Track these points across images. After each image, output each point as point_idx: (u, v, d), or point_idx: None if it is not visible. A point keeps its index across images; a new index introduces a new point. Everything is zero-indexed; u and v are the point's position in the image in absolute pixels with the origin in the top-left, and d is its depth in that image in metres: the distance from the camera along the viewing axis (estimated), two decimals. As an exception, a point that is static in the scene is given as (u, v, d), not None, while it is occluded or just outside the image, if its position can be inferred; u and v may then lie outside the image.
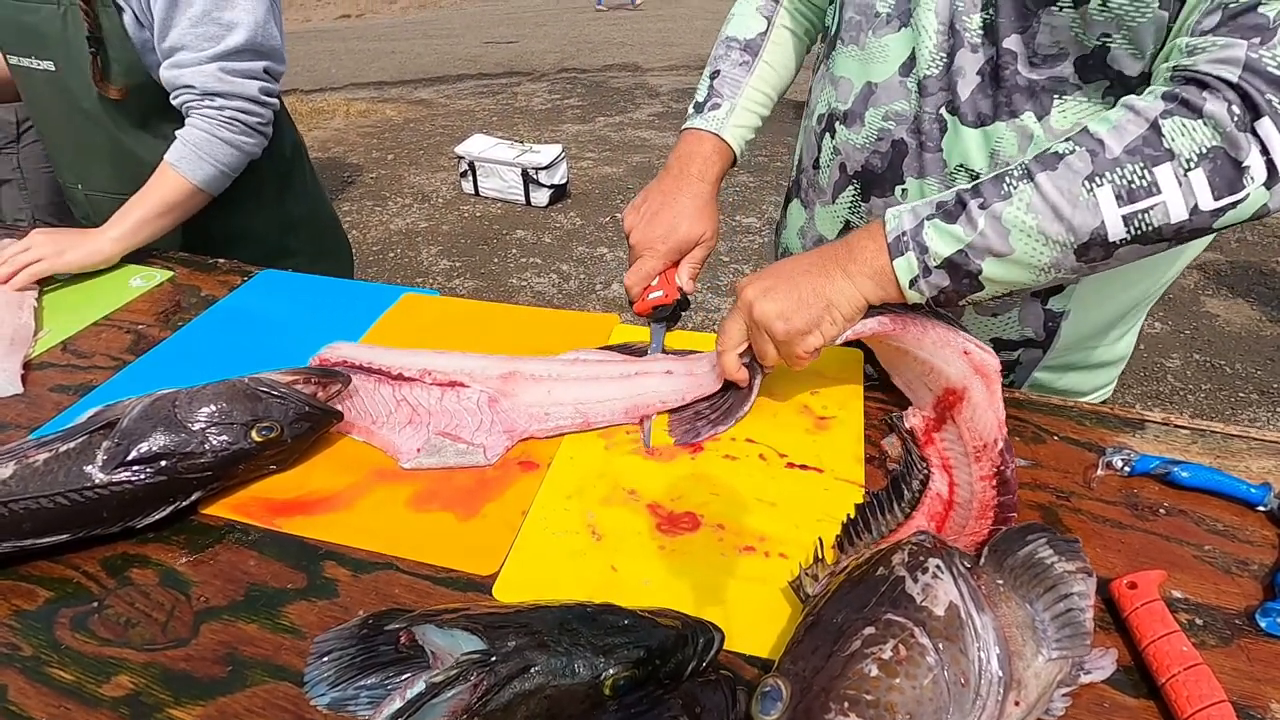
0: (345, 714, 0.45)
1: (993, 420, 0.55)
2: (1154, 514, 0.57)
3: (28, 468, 0.55)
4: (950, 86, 0.62)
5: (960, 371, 0.57)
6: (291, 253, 1.13)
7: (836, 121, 0.71)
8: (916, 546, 0.42)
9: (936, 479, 0.57)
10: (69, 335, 0.83)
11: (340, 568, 0.55)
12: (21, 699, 0.46)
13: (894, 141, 0.66)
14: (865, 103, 0.67)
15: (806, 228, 0.79)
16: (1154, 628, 0.47)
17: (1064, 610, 0.40)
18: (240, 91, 0.94)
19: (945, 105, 0.63)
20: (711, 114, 0.79)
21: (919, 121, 0.64)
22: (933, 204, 0.56)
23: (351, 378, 0.68)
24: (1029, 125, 0.60)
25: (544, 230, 3.37)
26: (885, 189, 0.69)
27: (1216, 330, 2.60)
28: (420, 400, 0.67)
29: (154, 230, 0.95)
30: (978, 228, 0.53)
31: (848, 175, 0.71)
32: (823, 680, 0.36)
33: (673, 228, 0.75)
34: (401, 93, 5.49)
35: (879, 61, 0.66)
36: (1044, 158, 0.52)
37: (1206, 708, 0.42)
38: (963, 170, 0.64)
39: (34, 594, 0.53)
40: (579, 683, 0.40)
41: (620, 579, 0.53)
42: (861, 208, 0.71)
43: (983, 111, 0.61)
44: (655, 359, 0.71)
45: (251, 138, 0.98)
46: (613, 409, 0.66)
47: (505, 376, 0.68)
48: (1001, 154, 0.62)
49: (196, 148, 0.94)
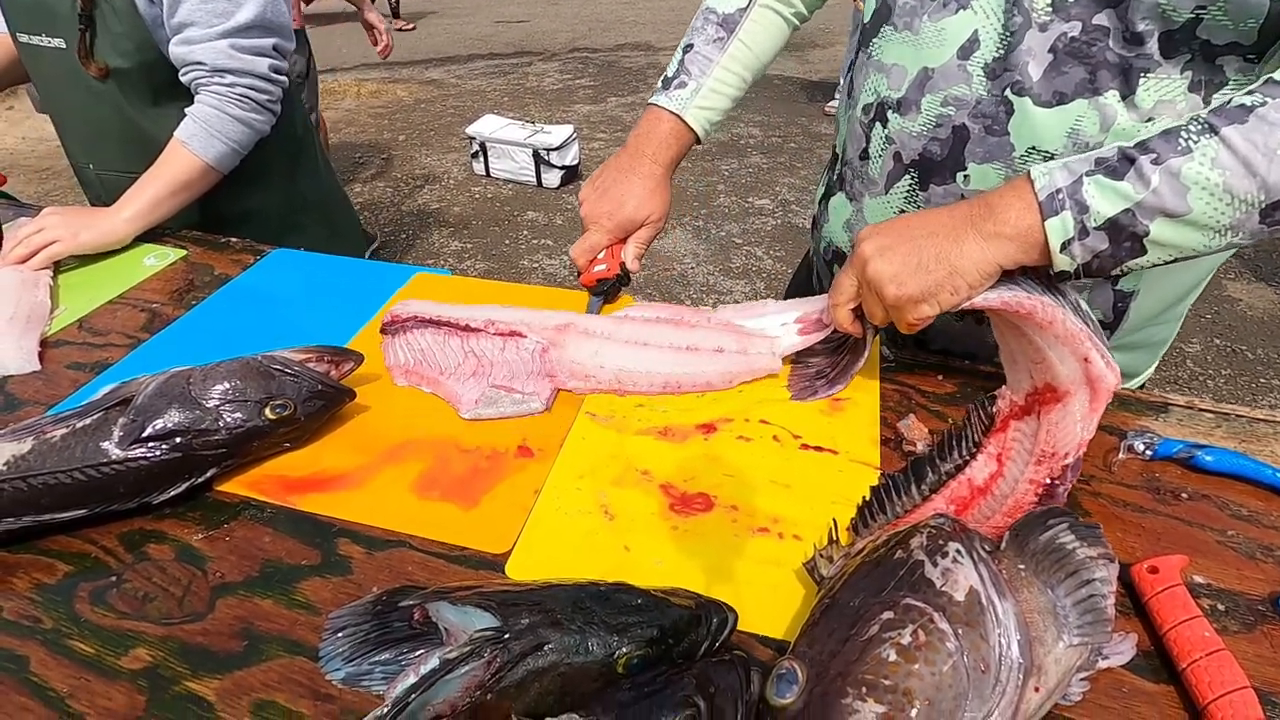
0: (360, 689, 0.45)
1: (1076, 436, 0.51)
2: (1176, 498, 0.56)
3: (45, 443, 0.55)
4: (1017, 67, 0.59)
5: (1071, 375, 0.51)
6: (303, 230, 1.13)
7: (889, 110, 0.68)
8: (936, 530, 0.42)
9: (978, 465, 0.54)
10: (84, 314, 0.84)
11: (354, 545, 0.55)
12: (43, 670, 0.47)
13: (955, 127, 0.64)
14: (921, 89, 0.65)
15: (854, 221, 0.76)
16: (1175, 613, 0.46)
17: (1086, 596, 0.40)
18: (250, 68, 0.94)
19: (1011, 87, 0.60)
20: (676, 92, 0.78)
21: (981, 105, 0.62)
22: (1088, 160, 0.51)
23: (364, 356, 0.68)
24: (1111, 103, 0.57)
25: (555, 211, 3.35)
26: (946, 176, 0.66)
27: (1238, 315, 2.55)
28: (484, 351, 0.70)
29: (167, 209, 0.95)
30: (1150, 185, 0.48)
31: (903, 164, 0.68)
32: (839, 664, 0.36)
33: (620, 205, 0.77)
34: (412, 73, 5.46)
35: (935, 46, 0.63)
36: (1225, 111, 0.48)
37: (1228, 693, 0.41)
38: (1035, 152, 0.61)
39: (54, 568, 0.54)
40: (592, 661, 0.40)
41: (633, 559, 0.53)
42: (919, 196, 0.69)
43: (1060, 90, 0.58)
44: (712, 329, 0.70)
45: (261, 114, 0.98)
46: (651, 382, 0.67)
47: (560, 327, 0.70)
48: (1082, 134, 0.59)
49: (207, 125, 0.93)
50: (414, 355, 0.72)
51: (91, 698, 0.45)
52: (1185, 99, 0.56)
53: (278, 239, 1.00)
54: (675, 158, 0.79)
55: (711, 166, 3.76)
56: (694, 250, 3.05)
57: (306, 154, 1.16)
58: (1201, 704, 0.42)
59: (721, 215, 3.25)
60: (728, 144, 3.93)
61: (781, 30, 0.81)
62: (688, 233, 3.17)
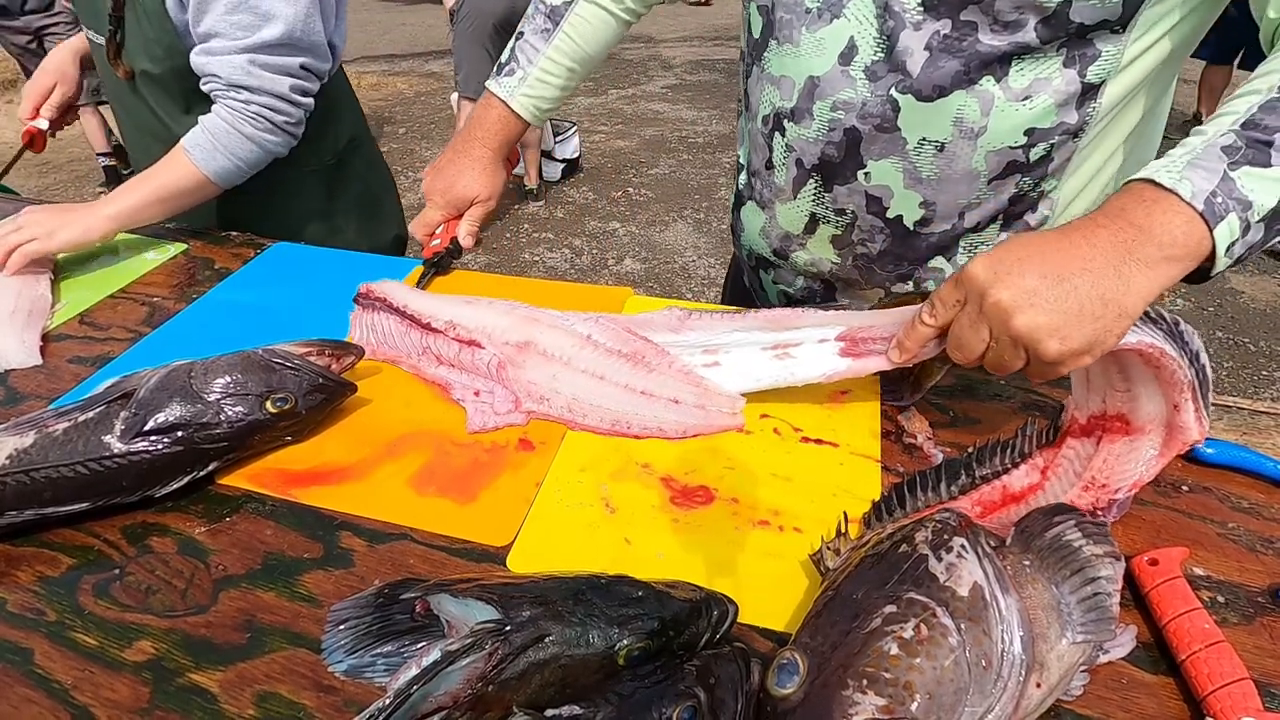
0: (362, 680, 0.45)
1: (1135, 476, 0.49)
2: (1177, 491, 0.56)
3: (48, 437, 0.55)
4: (900, 66, 0.62)
5: (1153, 415, 0.49)
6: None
7: (784, 119, 0.71)
8: (941, 525, 0.42)
9: (1019, 474, 0.52)
10: (86, 308, 0.84)
11: (356, 538, 0.55)
12: (47, 662, 0.47)
13: (846, 130, 0.67)
14: (811, 97, 0.68)
15: (769, 228, 0.79)
16: (1175, 605, 0.46)
17: (1090, 594, 0.40)
18: (269, 88, 0.90)
19: (896, 86, 0.63)
20: (505, 79, 0.84)
21: (868, 106, 0.65)
22: (1214, 151, 0.47)
23: (365, 350, 0.68)
24: (988, 89, 0.61)
25: (556, 205, 3.35)
26: (847, 176, 0.69)
27: (1240, 307, 2.55)
28: (442, 352, 0.68)
29: (154, 214, 0.91)
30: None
31: (805, 170, 0.71)
32: (841, 656, 0.36)
33: (451, 184, 0.83)
34: (413, 65, 5.44)
35: (816, 55, 0.66)
36: None
37: (1227, 685, 0.41)
38: (926, 143, 0.65)
39: (57, 561, 0.54)
40: (593, 653, 0.40)
41: (634, 551, 0.53)
42: (825, 198, 0.72)
43: (939, 84, 0.62)
44: (672, 377, 0.65)
45: (276, 136, 0.93)
46: (601, 418, 0.63)
47: (520, 345, 0.67)
48: (965, 120, 0.63)
49: (214, 137, 0.90)
50: (376, 337, 0.72)
51: (95, 689, 0.46)
52: (1060, 74, 0.60)
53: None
54: (504, 142, 0.85)
55: (713, 159, 3.75)
56: (695, 243, 3.04)
57: (350, 172, 1.10)
58: (1201, 695, 0.42)
59: (723, 208, 3.24)
60: (729, 136, 3.91)
61: (610, 26, 0.84)
62: (689, 225, 3.17)
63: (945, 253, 0.71)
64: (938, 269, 0.72)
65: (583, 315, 0.70)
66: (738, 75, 0.81)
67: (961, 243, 0.70)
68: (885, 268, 0.74)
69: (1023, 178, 0.65)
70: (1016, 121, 0.62)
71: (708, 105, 4.50)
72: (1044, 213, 0.68)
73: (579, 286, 0.83)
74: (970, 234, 0.70)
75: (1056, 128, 0.62)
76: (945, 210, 0.68)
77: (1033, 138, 0.63)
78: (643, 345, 0.66)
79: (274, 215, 1.03)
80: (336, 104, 1.06)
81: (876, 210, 0.70)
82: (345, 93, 1.10)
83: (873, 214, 0.70)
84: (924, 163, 0.66)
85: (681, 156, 3.79)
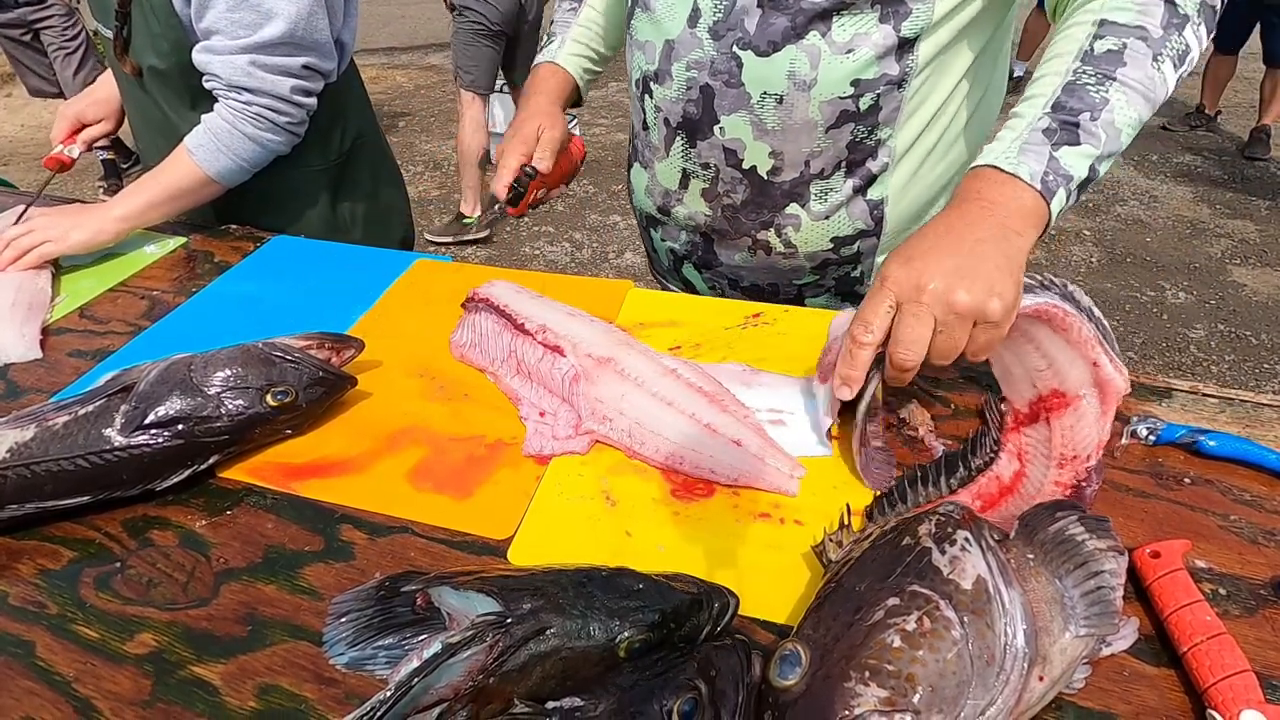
0: (363, 673, 0.45)
1: (1094, 438, 0.52)
2: (1179, 483, 0.56)
3: (48, 431, 0.55)
4: (739, 25, 0.69)
5: (1080, 380, 0.53)
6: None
7: (650, 82, 0.77)
8: (944, 518, 0.41)
9: (1003, 463, 0.55)
10: (85, 301, 0.84)
11: (356, 531, 0.55)
12: (49, 655, 0.48)
13: (701, 87, 0.73)
14: (669, 59, 0.74)
15: (651, 186, 0.85)
16: (1176, 597, 0.46)
17: (1094, 588, 0.39)
18: (270, 89, 0.89)
19: (736, 43, 0.69)
20: (548, 49, 0.92)
21: (715, 64, 0.71)
22: (1037, 135, 0.57)
23: (365, 343, 0.67)
24: (815, 43, 0.67)
25: (556, 198, 3.34)
26: (705, 132, 0.75)
27: (1243, 300, 2.54)
28: (525, 356, 0.67)
29: (161, 214, 0.92)
30: (1100, 140, 0.57)
31: (672, 128, 0.77)
32: (843, 648, 0.36)
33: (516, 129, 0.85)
34: (412, 59, 5.42)
35: (669, 20, 0.73)
36: (1103, 59, 0.57)
37: (1229, 677, 0.41)
38: (767, 96, 0.70)
39: (58, 554, 0.54)
40: (594, 645, 0.40)
41: (635, 544, 0.53)
42: (691, 154, 0.77)
43: (772, 40, 0.68)
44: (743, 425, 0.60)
45: (279, 135, 0.93)
46: (658, 448, 0.59)
47: (601, 360, 0.64)
48: (798, 74, 0.69)
49: (216, 138, 0.90)
50: (473, 337, 0.72)
51: (98, 682, 0.46)
52: (878, 29, 0.66)
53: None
54: (558, 88, 0.90)
55: (713, 152, 3.74)
56: (696, 237, 3.03)
57: (358, 170, 1.09)
58: (1202, 687, 0.42)
59: (723, 201, 3.23)
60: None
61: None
62: (689, 219, 3.16)
63: (799, 200, 0.76)
64: (794, 215, 0.77)
65: (671, 356, 0.67)
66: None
67: (812, 189, 0.76)
68: (749, 217, 0.79)
69: (856, 125, 0.71)
70: (843, 73, 0.68)
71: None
72: (884, 160, 0.74)
73: (579, 279, 0.83)
74: (818, 180, 0.75)
75: (880, 79, 0.69)
76: (792, 159, 0.74)
77: (859, 88, 0.69)
78: (724, 391, 0.63)
79: (277, 215, 1.03)
80: (344, 102, 1.04)
81: (734, 163, 0.75)
82: (355, 90, 1.09)
83: (731, 166, 0.76)
84: (767, 114, 0.71)
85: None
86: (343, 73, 1.02)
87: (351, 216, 1.11)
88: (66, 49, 3.14)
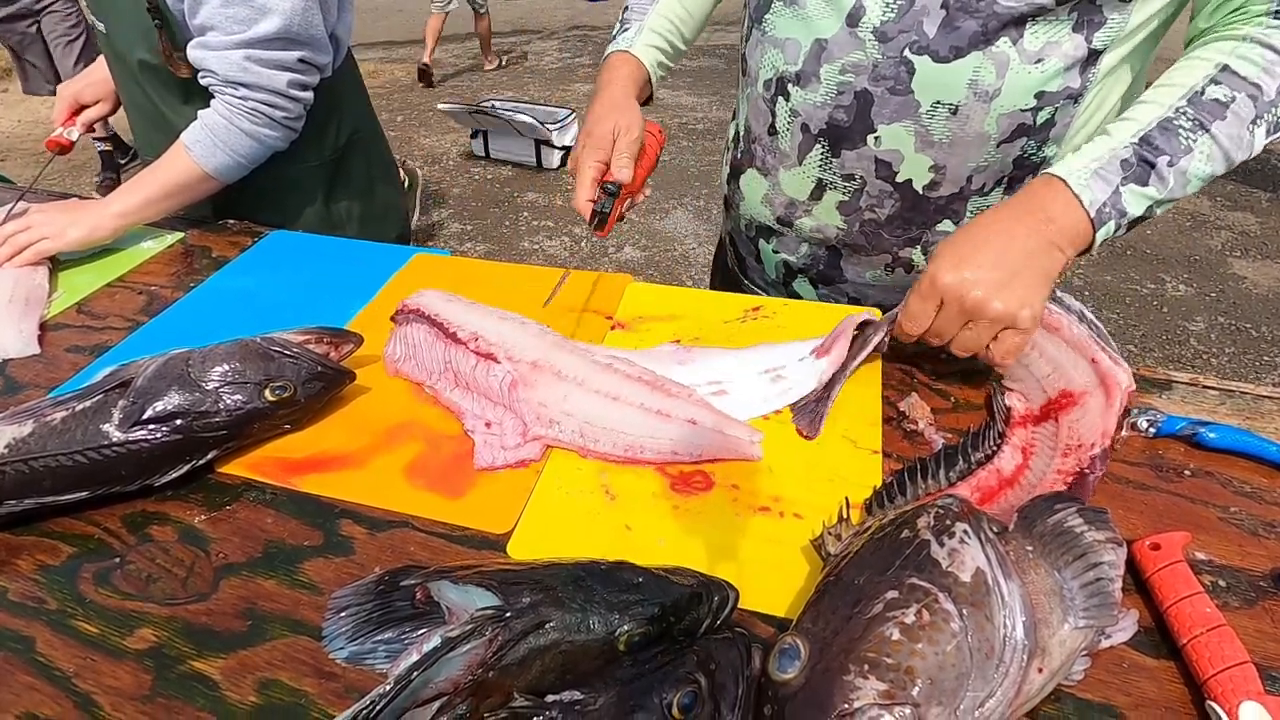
0: (363, 667, 0.45)
1: (1099, 429, 0.54)
2: (1179, 475, 0.56)
3: (46, 426, 0.55)
4: (914, 27, 0.63)
5: (1085, 379, 0.57)
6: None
7: (788, 84, 0.71)
8: (943, 510, 0.41)
9: (1006, 456, 0.56)
10: (83, 297, 0.83)
11: (356, 526, 0.55)
12: (49, 650, 0.48)
13: (857, 93, 0.67)
14: (818, 60, 0.68)
15: (771, 194, 0.79)
16: (1176, 589, 0.46)
17: (1093, 580, 0.39)
18: (266, 84, 0.88)
19: (909, 47, 0.64)
20: (621, 38, 0.84)
21: (879, 68, 0.65)
22: (1115, 164, 0.58)
23: (364, 338, 0.67)
24: (1004, 50, 0.63)
25: (556, 193, 3.33)
26: (856, 140, 0.70)
27: (1243, 293, 2.54)
28: (460, 367, 0.65)
29: (159, 210, 0.91)
30: (1168, 185, 0.57)
31: (812, 135, 0.72)
32: (842, 641, 0.36)
33: (591, 130, 0.76)
34: (409, 53, 5.40)
35: (822, 18, 0.67)
36: (1208, 106, 0.57)
37: (1228, 669, 0.41)
38: (940, 106, 0.66)
39: (57, 550, 0.54)
40: (593, 638, 0.40)
41: (634, 538, 0.53)
42: (833, 163, 0.72)
43: (956, 45, 0.63)
44: (691, 403, 0.61)
45: (275, 130, 0.92)
46: (614, 442, 0.59)
47: (535, 364, 0.63)
48: (980, 83, 0.64)
49: (213, 133, 0.89)
50: (405, 350, 0.69)
51: (98, 677, 0.46)
52: (1070, 39, 0.62)
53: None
54: (632, 79, 0.80)
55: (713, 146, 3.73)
56: (695, 231, 3.03)
57: (352, 166, 1.09)
58: (1202, 679, 0.42)
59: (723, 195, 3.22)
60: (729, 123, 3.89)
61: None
62: (689, 213, 3.15)
63: (954, 216, 0.72)
64: (945, 232, 0.72)
65: (603, 349, 0.68)
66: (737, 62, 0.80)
67: (969, 205, 0.71)
68: (893, 232, 0.74)
69: (1028, 140, 0.67)
70: (1028, 84, 0.64)
71: (707, 91, 4.47)
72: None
73: (579, 273, 0.83)
74: (977, 196, 0.71)
75: (1062, 91, 0.64)
76: (954, 174, 0.69)
77: (1041, 100, 0.65)
78: (661, 377, 0.63)
79: (273, 211, 1.02)
80: (340, 97, 1.04)
81: (886, 175, 0.70)
82: (351, 85, 1.08)
83: (881, 179, 0.71)
84: (936, 125, 0.66)
85: (681, 144, 3.77)
86: (338, 68, 1.01)
87: (348, 213, 1.10)
88: (69, 36, 3.12)
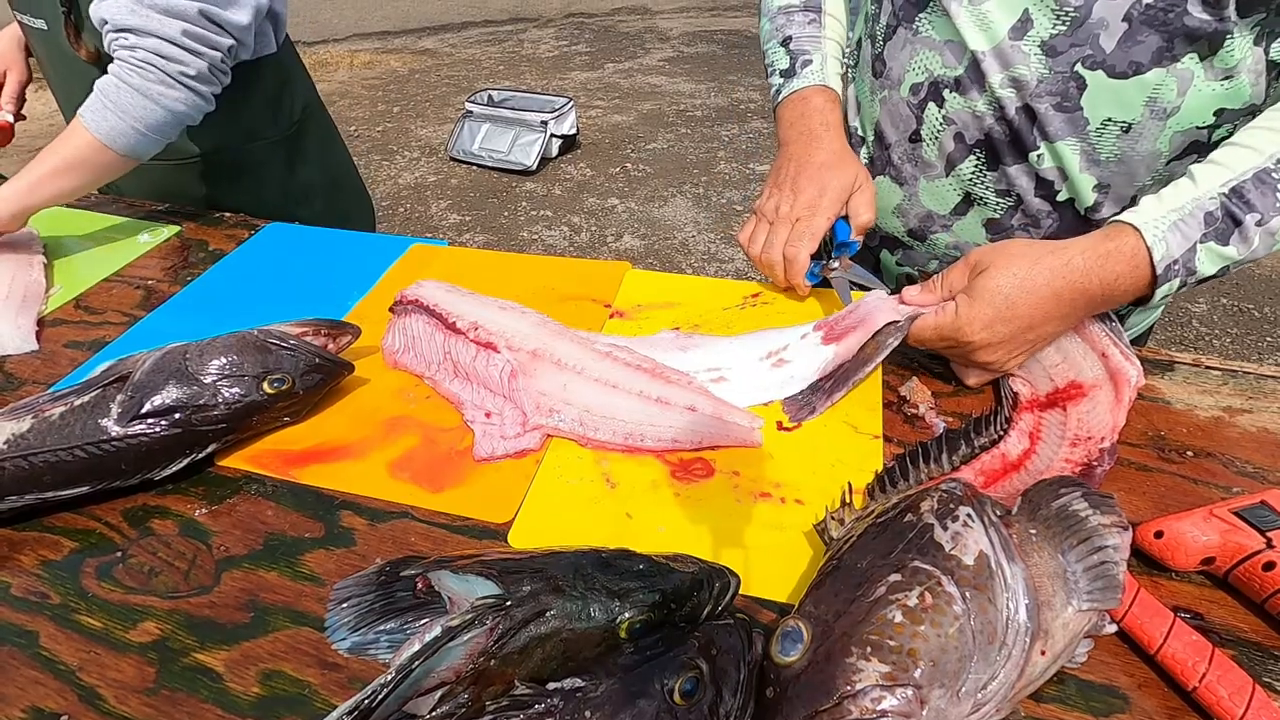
0: (365, 657, 0.45)
1: (1109, 423, 0.54)
2: (1181, 456, 0.56)
3: (45, 422, 0.55)
4: (1088, 41, 0.59)
5: (1094, 373, 0.57)
6: (305, 222, 1.09)
7: (945, 89, 0.66)
8: (947, 494, 0.41)
9: (1012, 440, 0.56)
10: (80, 292, 0.83)
11: (357, 517, 0.55)
12: (53, 645, 0.48)
13: (1019, 107, 0.63)
14: (979, 69, 0.64)
15: (906, 205, 0.74)
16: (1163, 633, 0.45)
17: (1097, 563, 0.39)
18: (155, 29, 0.78)
19: (1081, 61, 0.59)
20: (805, 72, 0.75)
21: (1045, 83, 0.61)
22: (1198, 217, 0.53)
23: (362, 329, 0.67)
24: (1190, 68, 0.58)
25: (553, 182, 3.32)
26: (1017, 156, 0.65)
27: (1245, 274, 2.52)
28: (460, 357, 0.65)
29: (54, 190, 0.82)
30: (1250, 246, 0.53)
31: (966, 145, 0.67)
32: (845, 624, 0.36)
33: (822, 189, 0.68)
34: (405, 42, 5.36)
35: (983, 30, 0.62)
36: None
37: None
38: (1111, 123, 0.61)
39: (59, 545, 0.54)
40: (594, 626, 0.40)
41: (635, 526, 0.53)
42: (988, 177, 0.68)
43: (1136, 60, 0.58)
44: (689, 390, 0.61)
45: (174, 90, 0.81)
46: (614, 431, 0.59)
47: (534, 353, 0.63)
48: (1160, 100, 0.59)
49: (104, 95, 0.79)
50: (405, 341, 0.69)
51: (102, 670, 0.46)
52: (1252, 52, 0.57)
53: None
54: (839, 118, 0.74)
55: (711, 133, 3.71)
56: (695, 218, 3.01)
57: (309, 139, 1.08)
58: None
59: (722, 182, 3.21)
60: (728, 109, 3.86)
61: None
62: (688, 200, 3.14)
63: None
64: None
65: (603, 337, 0.67)
66: (737, 47, 0.77)
67: None
68: None
69: (1197, 159, 0.61)
70: (1210, 101, 0.59)
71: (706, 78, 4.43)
72: None
73: (577, 261, 0.82)
74: None
75: (1245, 108, 0.60)
76: (1118, 192, 0.65)
77: (1220, 118, 0.60)
78: (660, 365, 0.63)
79: (235, 190, 1.02)
80: (289, 71, 1.03)
81: (1046, 193, 0.66)
82: (296, 62, 1.07)
83: (1040, 197, 0.67)
84: (1105, 143, 0.62)
85: (680, 130, 3.74)
86: (282, 43, 1.00)
87: (311, 186, 1.10)
88: None
